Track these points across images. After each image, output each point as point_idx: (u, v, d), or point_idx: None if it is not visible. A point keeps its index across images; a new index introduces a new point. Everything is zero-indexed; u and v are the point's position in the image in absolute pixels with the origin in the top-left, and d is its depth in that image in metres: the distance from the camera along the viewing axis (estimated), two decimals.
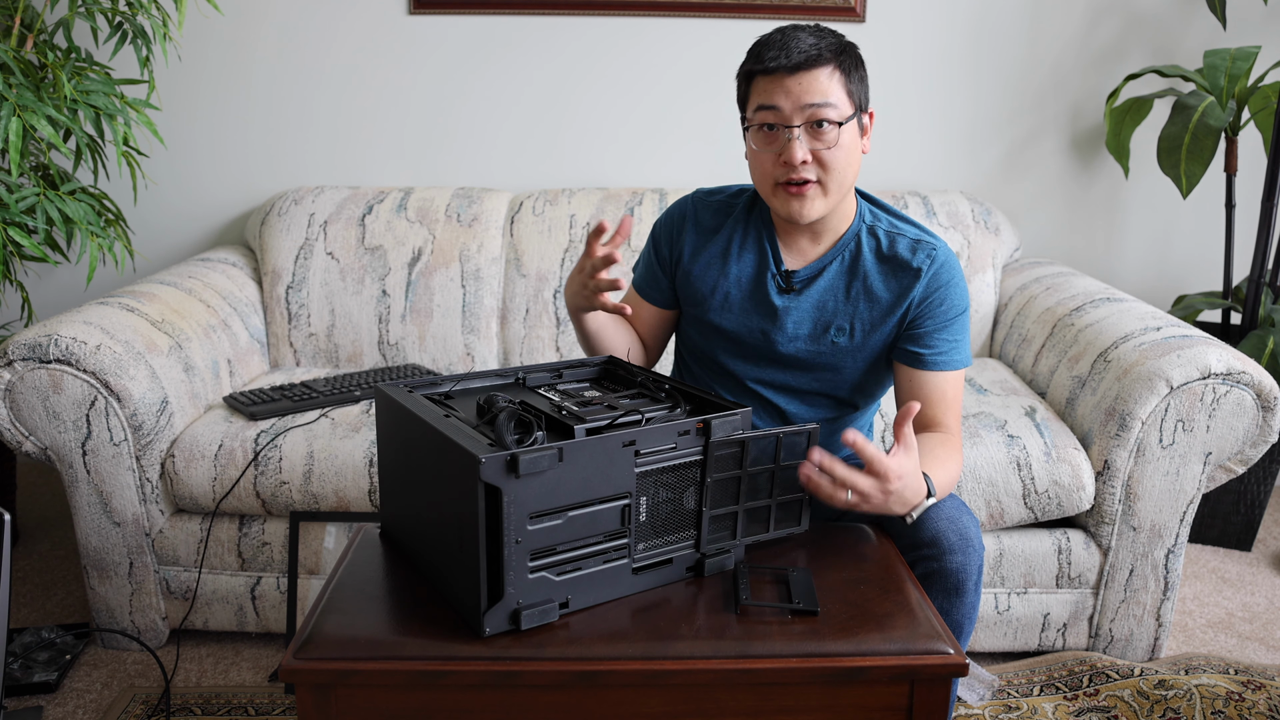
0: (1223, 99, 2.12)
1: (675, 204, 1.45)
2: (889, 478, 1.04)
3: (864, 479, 1.04)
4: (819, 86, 1.20)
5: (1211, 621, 1.96)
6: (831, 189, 1.25)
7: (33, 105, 1.78)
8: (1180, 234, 2.57)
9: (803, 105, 1.20)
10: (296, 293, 2.21)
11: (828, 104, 1.20)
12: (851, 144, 1.24)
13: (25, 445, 1.69)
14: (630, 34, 2.44)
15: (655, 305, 1.46)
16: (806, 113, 1.20)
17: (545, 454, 0.92)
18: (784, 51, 1.20)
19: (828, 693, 0.96)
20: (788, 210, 1.26)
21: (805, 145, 1.21)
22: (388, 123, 2.49)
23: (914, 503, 1.11)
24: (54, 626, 1.80)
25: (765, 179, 1.27)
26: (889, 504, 1.08)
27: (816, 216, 1.26)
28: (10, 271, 1.96)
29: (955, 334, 1.31)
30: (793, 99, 1.20)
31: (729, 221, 1.39)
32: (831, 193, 1.25)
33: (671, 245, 1.42)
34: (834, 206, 1.27)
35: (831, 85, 1.21)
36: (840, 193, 1.26)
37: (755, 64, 1.23)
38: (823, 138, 1.21)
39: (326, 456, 1.71)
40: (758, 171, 1.28)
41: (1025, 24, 2.44)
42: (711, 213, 1.40)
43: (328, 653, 0.95)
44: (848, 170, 1.25)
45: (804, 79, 1.20)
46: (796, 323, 1.34)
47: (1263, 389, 1.62)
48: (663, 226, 1.44)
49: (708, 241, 1.39)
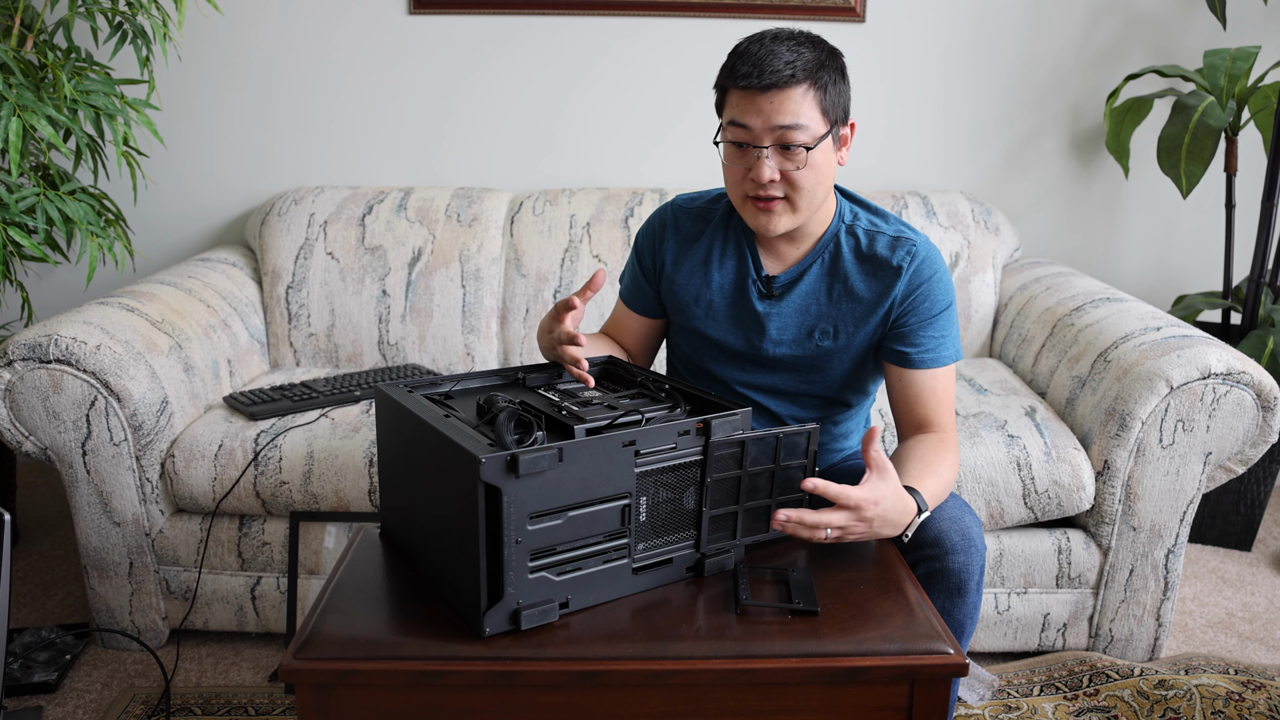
0: (1223, 99, 2.12)
1: (655, 213, 1.44)
2: (862, 507, 1.05)
3: (836, 514, 1.04)
4: (790, 107, 1.17)
5: (1211, 621, 1.96)
6: (800, 206, 1.24)
7: (33, 105, 1.78)
8: (1180, 234, 2.57)
9: (773, 126, 1.18)
10: (296, 293, 2.21)
11: (798, 125, 1.18)
12: (824, 162, 1.22)
13: (25, 445, 1.69)
14: (630, 34, 2.44)
15: (642, 315, 1.46)
16: (776, 134, 1.19)
17: (545, 454, 0.92)
18: (757, 69, 1.17)
19: (828, 693, 0.96)
20: (755, 224, 1.27)
21: (774, 165, 1.20)
22: (388, 123, 2.49)
23: (903, 523, 1.10)
24: (54, 626, 1.80)
25: (735, 191, 1.27)
26: (874, 530, 1.08)
27: (783, 231, 1.26)
28: (10, 271, 1.96)
29: (941, 329, 1.30)
30: (763, 118, 1.18)
31: (709, 229, 1.38)
32: (800, 209, 1.25)
33: (654, 255, 1.41)
34: (803, 221, 1.27)
35: (804, 106, 1.18)
36: (810, 208, 1.25)
37: (728, 78, 1.21)
38: (792, 158, 1.20)
39: (326, 456, 1.71)
40: (729, 182, 1.28)
41: (1025, 24, 2.44)
42: (691, 220, 1.40)
43: (328, 653, 0.95)
44: (817, 188, 1.24)
45: (775, 99, 1.17)
46: (780, 328, 1.34)
47: (1263, 389, 1.62)
48: (644, 237, 1.44)
49: (689, 249, 1.38)
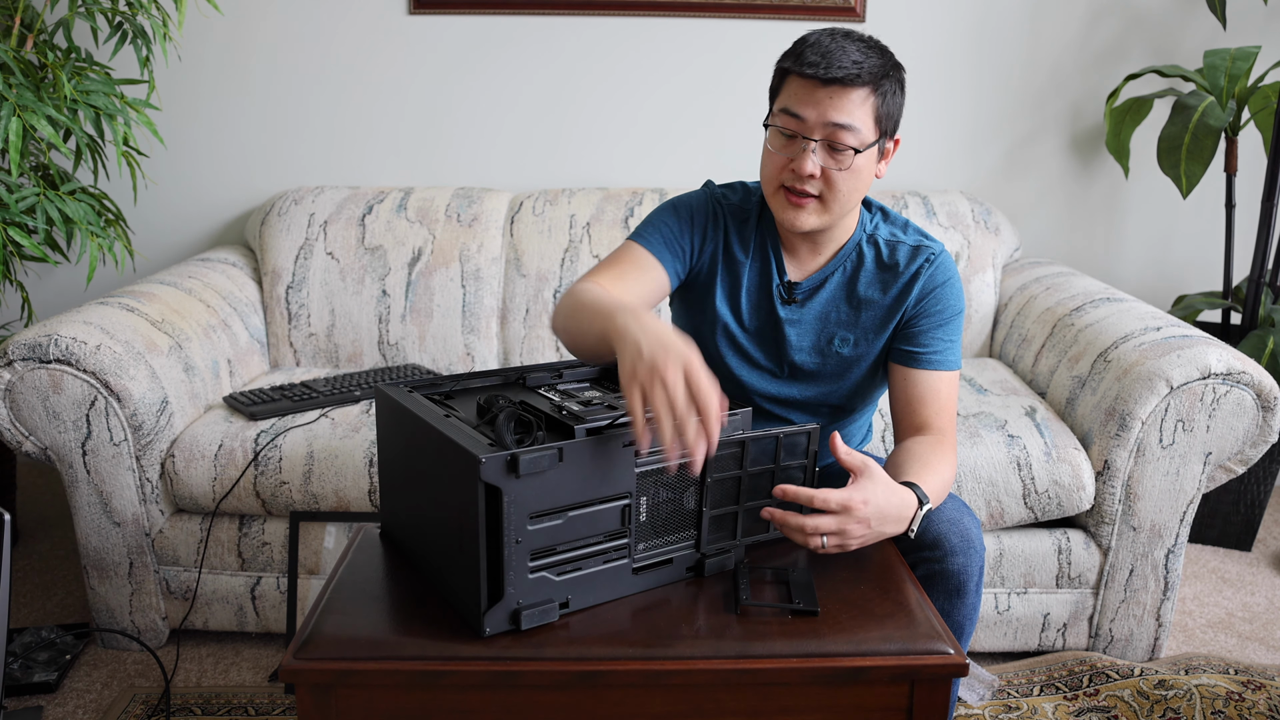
0: (1223, 99, 2.12)
1: (702, 197, 1.36)
2: (851, 508, 1.01)
3: (825, 519, 1.01)
4: (848, 107, 1.17)
5: (1211, 621, 1.96)
6: (832, 207, 1.23)
7: (33, 105, 1.78)
8: (1180, 234, 2.57)
9: (826, 121, 1.17)
10: (296, 293, 2.21)
11: (850, 127, 1.17)
12: (865, 168, 1.22)
13: (25, 445, 1.69)
14: (630, 34, 2.44)
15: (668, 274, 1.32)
16: (828, 130, 1.18)
17: (545, 454, 0.92)
18: (824, 60, 1.16)
19: (828, 693, 0.96)
20: (782, 215, 1.25)
21: (818, 160, 1.19)
22: (388, 122, 2.49)
23: (905, 517, 1.07)
24: (54, 626, 1.80)
25: (771, 179, 1.26)
26: (876, 530, 1.05)
27: (809, 229, 1.25)
28: (10, 271, 1.96)
29: (950, 334, 1.30)
30: (819, 111, 1.17)
31: (744, 229, 1.36)
32: (831, 211, 1.24)
33: (704, 240, 1.35)
34: (831, 224, 1.26)
35: (861, 109, 1.17)
36: (841, 212, 1.25)
37: (793, 63, 1.20)
38: (838, 159, 1.19)
39: (326, 456, 1.71)
40: (767, 168, 1.26)
41: (1025, 24, 2.44)
42: (731, 216, 1.36)
43: (328, 653, 0.95)
44: (853, 194, 1.23)
45: (835, 95, 1.16)
46: (800, 334, 1.33)
47: (1263, 389, 1.62)
48: (699, 214, 1.34)
49: (730, 248, 1.37)
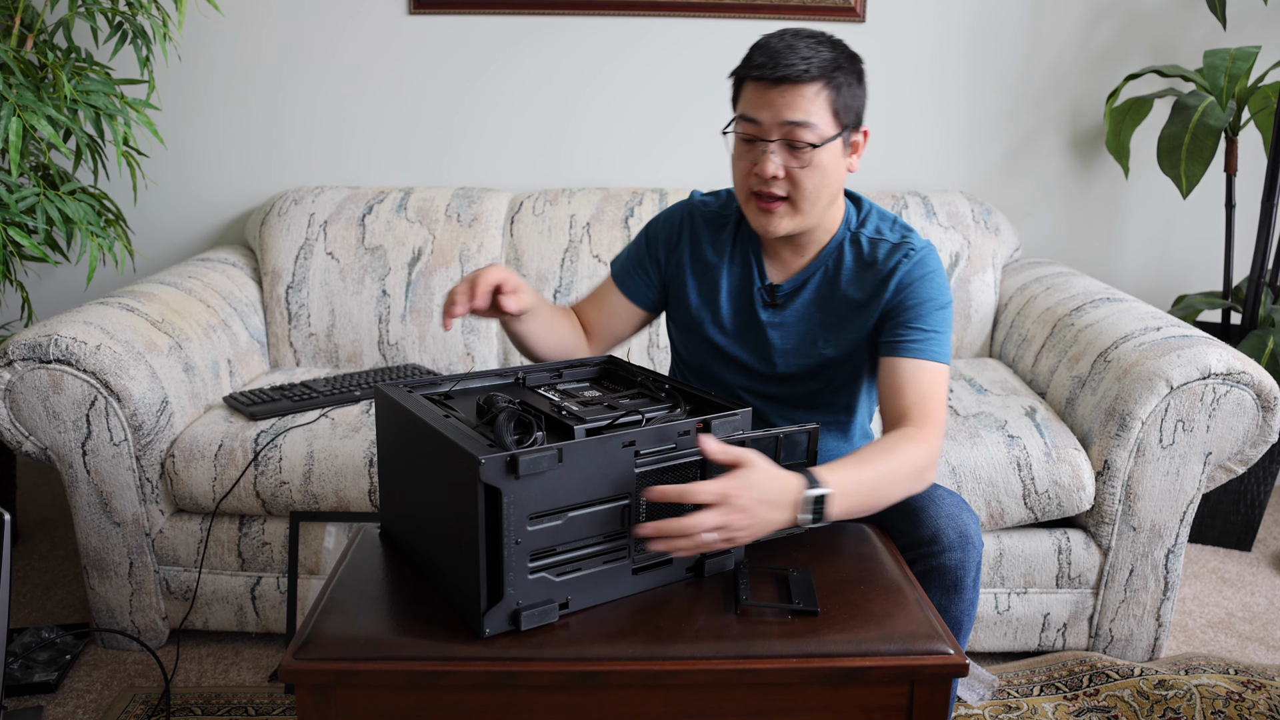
0: (1223, 99, 2.12)
1: (674, 209, 1.42)
2: (729, 495, 0.94)
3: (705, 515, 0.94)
4: (800, 104, 1.17)
5: (1211, 621, 1.96)
6: (803, 208, 1.23)
7: (33, 105, 1.77)
8: (1180, 234, 2.57)
9: (781, 121, 1.18)
10: (296, 293, 2.21)
11: (806, 124, 1.17)
12: (830, 164, 1.21)
13: (25, 445, 1.69)
14: (630, 34, 2.43)
15: (629, 300, 1.42)
16: (784, 129, 1.18)
17: (545, 454, 0.92)
18: (771, 61, 1.17)
19: (828, 693, 0.96)
20: (756, 223, 1.26)
21: (779, 161, 1.20)
22: (388, 122, 2.49)
23: (787, 501, 0.98)
24: (54, 626, 1.80)
25: (741, 186, 1.26)
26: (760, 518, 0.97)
27: (784, 233, 1.25)
28: (10, 271, 1.96)
29: (930, 325, 1.25)
30: (772, 112, 1.18)
31: (722, 234, 1.37)
32: (803, 211, 1.23)
33: (669, 252, 1.40)
34: (806, 225, 1.26)
35: (815, 105, 1.17)
36: (813, 212, 1.24)
37: (745, 69, 1.21)
38: (798, 157, 1.19)
39: (326, 456, 1.71)
40: (736, 176, 1.27)
41: (1025, 24, 2.44)
42: (707, 223, 1.39)
43: (328, 653, 0.95)
44: (821, 191, 1.22)
45: (787, 94, 1.17)
46: (784, 337, 1.33)
47: (1263, 389, 1.62)
48: (662, 229, 1.42)
49: (701, 254, 1.38)
